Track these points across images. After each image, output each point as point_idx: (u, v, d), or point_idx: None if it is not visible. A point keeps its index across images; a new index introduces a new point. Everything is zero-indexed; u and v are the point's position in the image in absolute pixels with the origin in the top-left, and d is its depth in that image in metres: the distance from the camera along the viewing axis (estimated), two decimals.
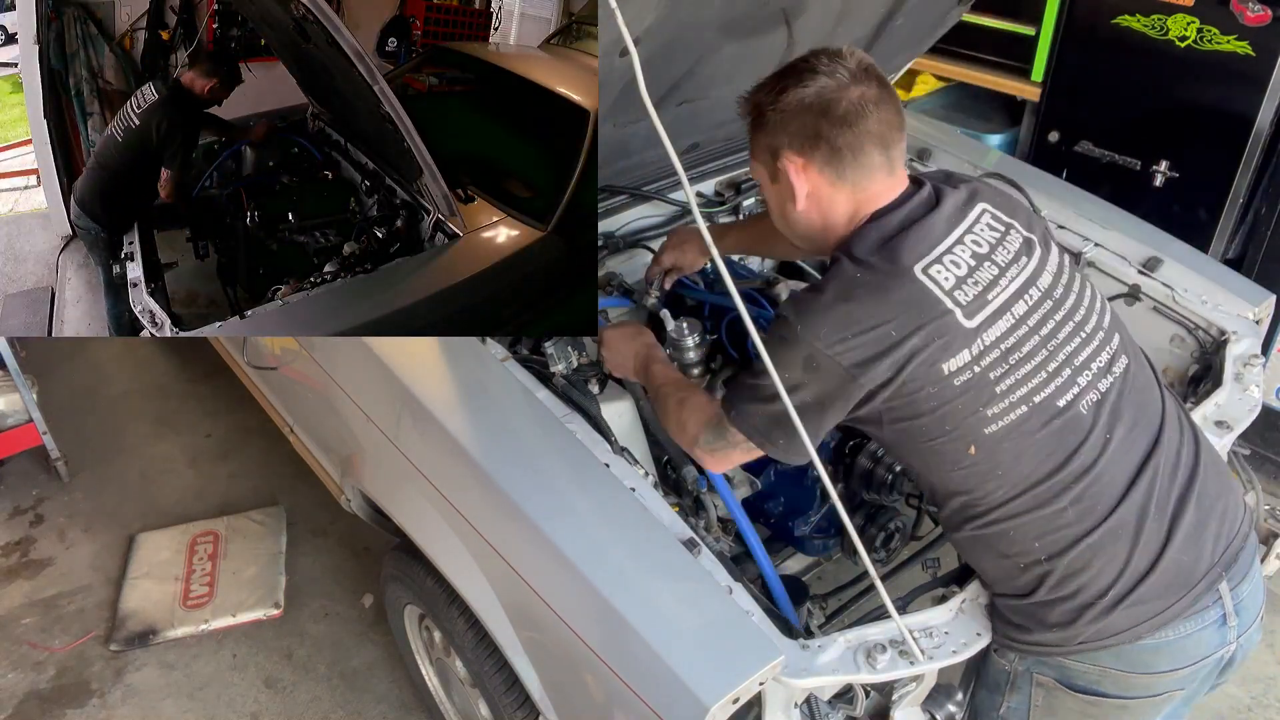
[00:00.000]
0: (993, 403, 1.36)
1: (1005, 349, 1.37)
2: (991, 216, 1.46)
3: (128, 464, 3.44)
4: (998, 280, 1.39)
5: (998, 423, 1.37)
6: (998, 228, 1.45)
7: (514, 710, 1.89)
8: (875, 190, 1.44)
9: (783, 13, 1.97)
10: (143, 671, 2.70)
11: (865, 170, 1.42)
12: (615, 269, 2.24)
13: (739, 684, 1.36)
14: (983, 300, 1.37)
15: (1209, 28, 2.95)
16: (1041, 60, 3.42)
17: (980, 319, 1.36)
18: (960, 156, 2.68)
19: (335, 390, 2.18)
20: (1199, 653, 1.46)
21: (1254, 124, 2.95)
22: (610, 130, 2.00)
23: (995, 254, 1.41)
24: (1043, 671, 1.50)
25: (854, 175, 1.42)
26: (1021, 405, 1.37)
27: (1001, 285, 1.39)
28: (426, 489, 1.86)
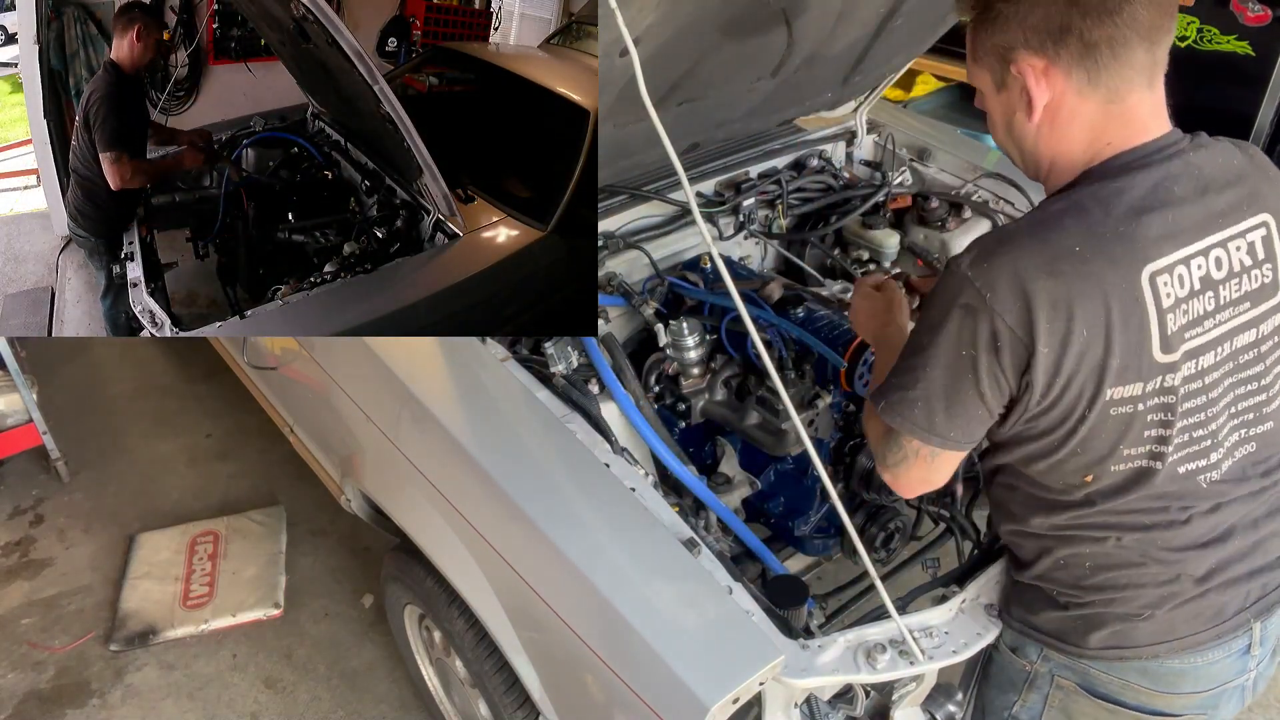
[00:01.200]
0: (1133, 445, 1.25)
1: (1169, 403, 1.22)
2: (1265, 236, 1.24)
3: (128, 464, 3.44)
4: (1203, 320, 1.20)
5: (1126, 464, 1.26)
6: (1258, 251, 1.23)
7: (514, 710, 1.89)
8: (1131, 106, 1.19)
9: (783, 13, 1.96)
10: (143, 671, 2.70)
11: (1125, 75, 1.16)
12: (615, 269, 2.24)
13: (739, 684, 1.36)
14: (1181, 336, 1.19)
15: (1209, 28, 2.95)
16: None
17: (1170, 358, 1.19)
18: (960, 156, 2.68)
19: (335, 390, 2.18)
20: (1220, 678, 1.44)
21: (1254, 124, 2.96)
22: (610, 130, 2.00)
23: (1226, 285, 1.21)
24: (1065, 675, 1.47)
25: (1110, 80, 1.16)
26: (1152, 459, 1.26)
27: (1206, 326, 1.21)
28: (426, 489, 1.86)
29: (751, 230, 2.51)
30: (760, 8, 1.91)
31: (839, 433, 2.11)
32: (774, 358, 1.96)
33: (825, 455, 2.10)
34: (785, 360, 1.95)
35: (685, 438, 2.15)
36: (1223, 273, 1.21)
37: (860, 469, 2.06)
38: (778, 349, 1.97)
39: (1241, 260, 1.22)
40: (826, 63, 2.31)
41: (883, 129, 2.78)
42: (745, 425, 1.98)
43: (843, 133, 2.78)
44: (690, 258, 2.35)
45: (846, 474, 2.11)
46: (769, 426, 1.95)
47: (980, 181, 2.57)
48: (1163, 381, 1.21)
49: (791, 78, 2.26)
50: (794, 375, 1.92)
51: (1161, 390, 1.21)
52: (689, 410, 2.04)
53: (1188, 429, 1.26)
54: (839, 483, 2.12)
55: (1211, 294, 1.21)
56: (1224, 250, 1.21)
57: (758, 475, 2.13)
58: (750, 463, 2.14)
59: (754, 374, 2.03)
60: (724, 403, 2.03)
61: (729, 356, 2.05)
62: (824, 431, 2.03)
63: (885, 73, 2.62)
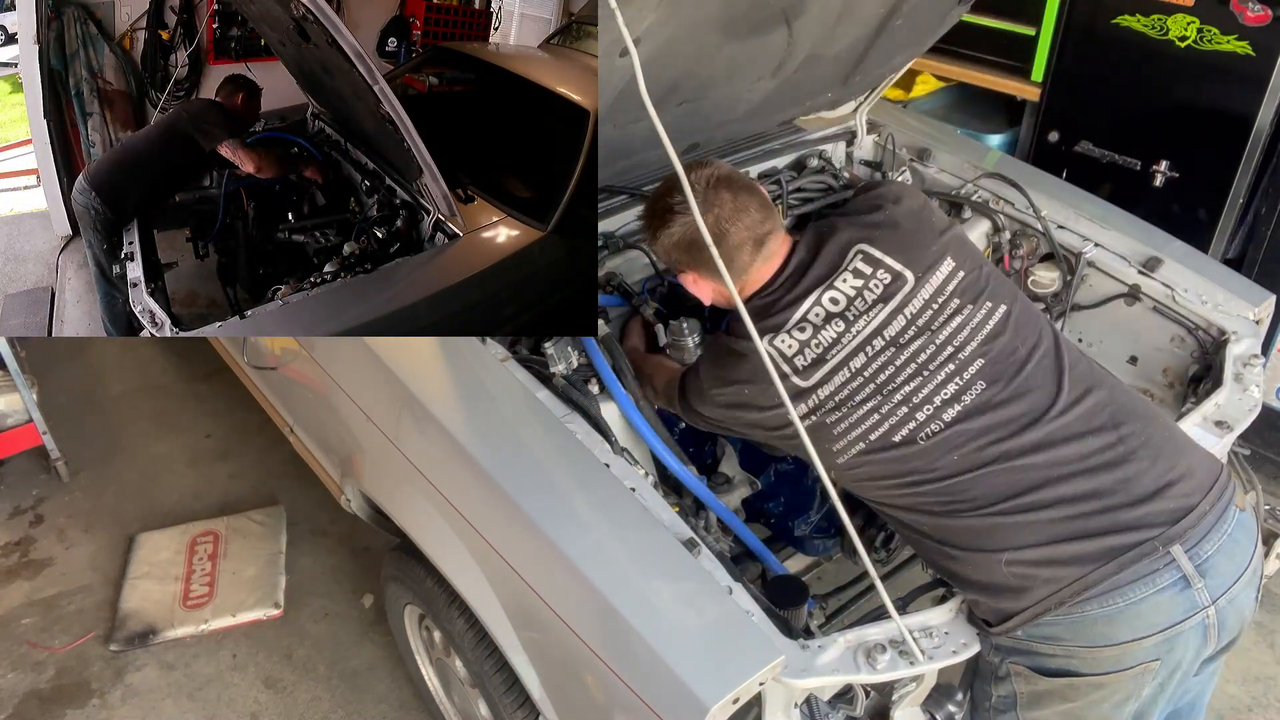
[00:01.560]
0: (834, 441, 1.61)
1: (839, 400, 1.61)
2: (864, 259, 1.66)
3: (128, 464, 3.44)
4: (840, 338, 1.62)
5: (843, 456, 1.62)
6: (864, 271, 1.65)
7: (514, 710, 1.89)
8: (754, 278, 1.70)
9: (783, 13, 1.96)
10: (143, 671, 2.70)
11: (740, 268, 1.68)
12: (615, 269, 2.24)
13: (739, 684, 1.36)
14: (821, 360, 1.61)
15: (1209, 28, 2.95)
16: (1041, 60, 3.42)
17: (815, 378, 1.61)
18: (960, 156, 2.68)
19: (335, 390, 2.18)
20: (1162, 619, 1.47)
21: (1254, 124, 2.95)
22: (610, 130, 2.00)
23: (850, 307, 1.63)
24: (1016, 660, 1.55)
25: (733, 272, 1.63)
26: (859, 443, 1.60)
27: (844, 343, 1.61)
28: (426, 489, 1.86)
29: None
30: (760, 8, 1.91)
31: None
32: None
33: None
34: None
35: (685, 438, 2.15)
36: (841, 303, 1.63)
37: None
38: None
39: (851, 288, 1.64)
40: (826, 63, 2.30)
41: (883, 129, 2.78)
42: None
43: (843, 133, 2.78)
44: None
45: None
46: None
47: (980, 181, 2.57)
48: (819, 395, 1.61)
49: (791, 78, 2.26)
50: None
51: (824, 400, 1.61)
52: None
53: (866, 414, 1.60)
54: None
55: (840, 320, 1.62)
56: (834, 289, 1.64)
57: (758, 475, 2.13)
58: (750, 463, 2.14)
59: None
60: None
61: None
62: None
63: (885, 73, 2.62)
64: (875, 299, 1.63)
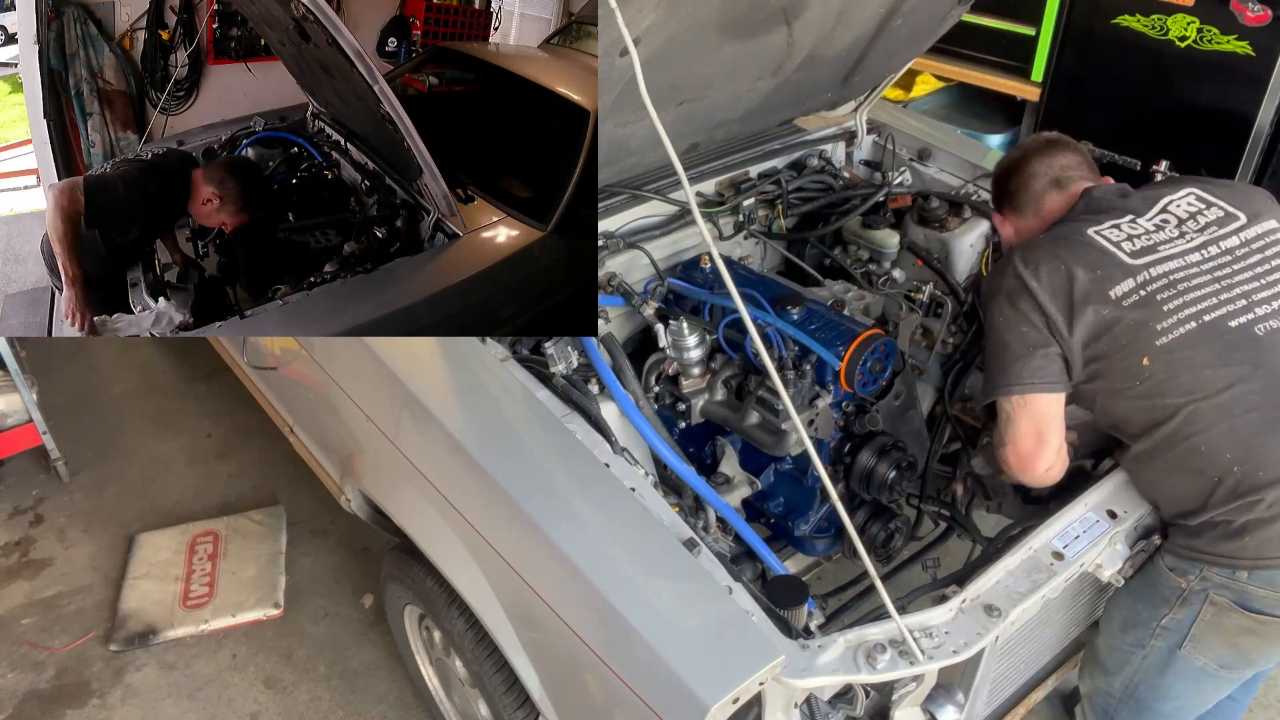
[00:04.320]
0: (1161, 319, 1.64)
1: (1172, 280, 1.68)
2: (1197, 197, 1.83)
3: (128, 464, 3.44)
4: (1173, 240, 1.74)
5: (1168, 335, 1.63)
6: (1197, 205, 1.81)
7: (514, 710, 1.89)
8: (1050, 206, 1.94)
9: (783, 13, 1.97)
10: (143, 671, 2.70)
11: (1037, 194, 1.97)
12: (615, 269, 2.24)
13: (739, 684, 1.36)
14: (1152, 249, 1.72)
15: (1209, 28, 2.95)
16: (1041, 60, 3.42)
17: (1145, 260, 1.70)
18: (960, 156, 2.68)
19: (335, 390, 2.18)
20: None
21: (1254, 124, 2.95)
22: (610, 130, 2.00)
23: (1184, 224, 1.77)
24: (1221, 594, 1.64)
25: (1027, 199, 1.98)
26: (1191, 321, 1.64)
27: (1176, 243, 1.73)
28: (426, 489, 1.86)
29: (751, 230, 2.51)
30: (760, 8, 1.91)
31: (839, 433, 2.11)
32: (774, 358, 1.96)
33: (825, 455, 2.10)
34: (785, 360, 1.95)
35: (685, 438, 2.15)
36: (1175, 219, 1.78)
37: (860, 469, 2.06)
38: (778, 349, 1.97)
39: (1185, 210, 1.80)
40: (826, 63, 2.31)
41: (883, 129, 2.78)
42: (745, 425, 1.98)
43: (843, 133, 2.78)
44: (690, 258, 2.35)
45: (846, 474, 2.11)
46: (769, 426, 1.95)
47: (980, 181, 2.57)
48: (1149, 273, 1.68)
49: (791, 78, 2.26)
50: (794, 375, 1.92)
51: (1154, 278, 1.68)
52: (689, 410, 2.04)
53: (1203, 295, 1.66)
54: (839, 483, 2.12)
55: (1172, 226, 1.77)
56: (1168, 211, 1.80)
57: (758, 475, 2.13)
58: (750, 463, 2.14)
59: (754, 374, 2.03)
60: (724, 403, 2.03)
61: (729, 357, 2.05)
62: (824, 431, 2.03)
63: (885, 73, 2.62)
64: (1209, 222, 1.78)
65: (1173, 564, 1.69)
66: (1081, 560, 1.67)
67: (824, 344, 1.95)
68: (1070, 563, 1.65)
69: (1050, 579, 1.62)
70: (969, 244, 2.41)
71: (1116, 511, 1.76)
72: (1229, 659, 1.73)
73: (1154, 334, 1.64)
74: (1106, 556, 1.73)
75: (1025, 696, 2.02)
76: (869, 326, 2.02)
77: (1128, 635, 1.80)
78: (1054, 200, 1.91)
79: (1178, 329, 1.64)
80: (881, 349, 1.99)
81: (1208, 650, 1.71)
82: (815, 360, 1.97)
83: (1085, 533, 1.72)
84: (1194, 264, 1.71)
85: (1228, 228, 1.78)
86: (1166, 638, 1.73)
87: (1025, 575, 1.63)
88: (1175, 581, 1.69)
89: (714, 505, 1.86)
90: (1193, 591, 1.67)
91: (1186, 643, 1.72)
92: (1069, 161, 1.94)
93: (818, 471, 1.41)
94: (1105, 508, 1.76)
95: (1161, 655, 1.75)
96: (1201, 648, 1.71)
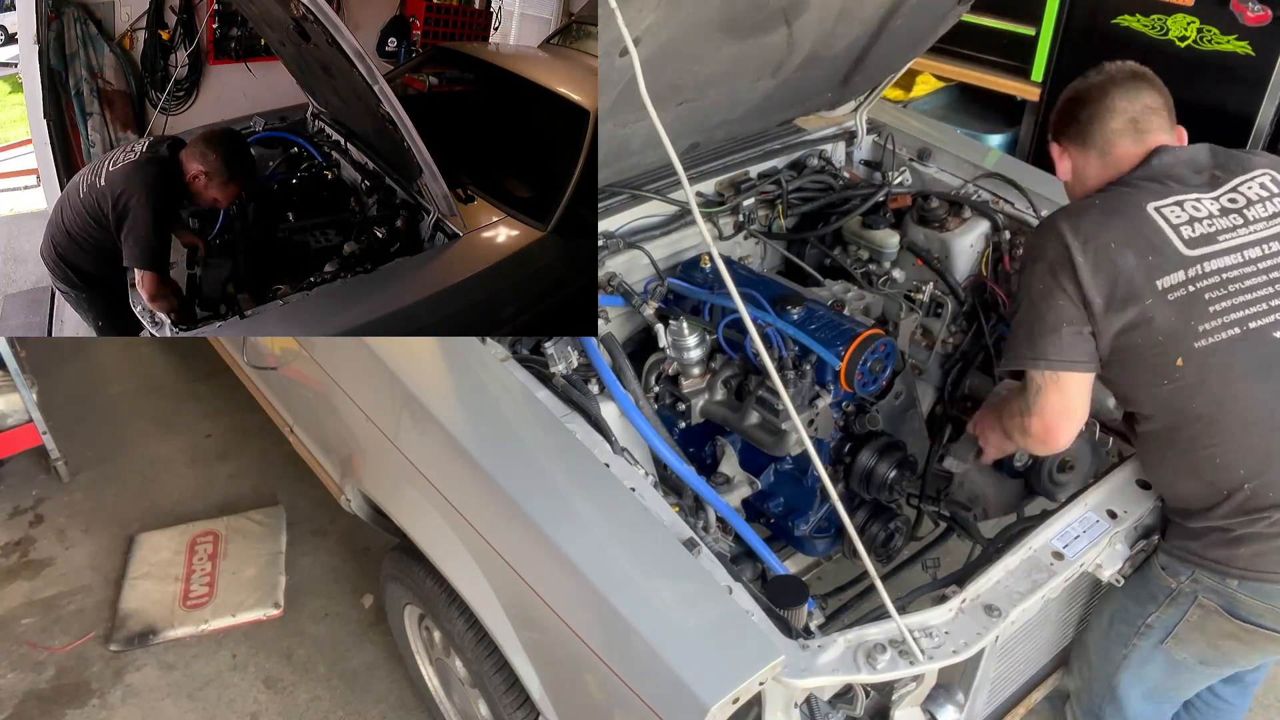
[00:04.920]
0: (1205, 319, 1.56)
1: (1225, 278, 1.58)
2: (1273, 180, 1.70)
3: (128, 464, 3.44)
4: (1236, 229, 1.62)
5: (1209, 338, 1.56)
6: (1272, 189, 1.68)
7: (514, 710, 1.89)
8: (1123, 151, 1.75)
9: (783, 13, 1.97)
10: (142, 671, 2.70)
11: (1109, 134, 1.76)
12: (615, 269, 2.24)
13: (739, 684, 1.36)
14: (1210, 239, 1.60)
15: (1209, 28, 2.95)
16: (1041, 60, 3.42)
17: (1201, 251, 1.59)
18: (960, 156, 2.68)
19: (335, 390, 2.18)
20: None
21: (1254, 124, 2.95)
22: (610, 130, 2.00)
23: (1250, 209, 1.65)
24: (1210, 598, 1.64)
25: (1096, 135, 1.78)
26: (1235, 327, 1.56)
27: (1239, 234, 1.61)
28: (426, 489, 1.86)
29: (751, 230, 2.51)
30: (760, 8, 1.91)
31: (839, 433, 2.11)
32: (774, 358, 1.96)
33: (825, 455, 2.10)
34: (785, 360, 1.95)
35: (685, 438, 2.15)
36: (1240, 203, 1.65)
37: (860, 469, 2.06)
38: (778, 349, 1.97)
39: (1254, 194, 1.66)
40: (826, 63, 2.31)
41: (883, 129, 2.78)
42: (745, 425, 1.98)
43: (843, 133, 2.78)
44: (690, 258, 2.35)
45: (846, 474, 2.11)
46: (769, 426, 1.95)
47: (980, 181, 2.57)
48: (1202, 267, 1.57)
49: (791, 78, 2.27)
50: (794, 375, 1.92)
51: (1207, 274, 1.57)
52: (689, 410, 2.04)
53: (1252, 300, 1.57)
54: (839, 483, 2.12)
55: (1236, 215, 1.63)
56: (1236, 191, 1.66)
57: (758, 475, 2.13)
58: (750, 463, 2.14)
59: (754, 374, 2.03)
60: (724, 403, 2.03)
61: (729, 357, 2.05)
62: (824, 431, 2.03)
63: (885, 73, 2.62)
64: (1277, 211, 1.65)
65: (1165, 563, 1.70)
66: (1081, 560, 1.67)
67: (824, 344, 1.95)
68: (1070, 563, 1.66)
69: (1050, 579, 1.63)
70: (969, 244, 2.41)
71: (1116, 511, 1.76)
72: (1210, 658, 1.74)
73: (1194, 334, 1.56)
74: (1106, 556, 1.73)
75: (1025, 696, 2.02)
76: (869, 326, 2.02)
77: (1113, 629, 1.81)
78: (1127, 146, 1.72)
79: (1219, 333, 1.56)
80: (881, 349, 1.99)
81: (1189, 647, 1.73)
82: (815, 360, 1.97)
83: (1085, 533, 1.72)
84: (1251, 260, 1.61)
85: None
86: (1151, 635, 1.75)
87: (1025, 575, 1.63)
88: (1166, 581, 1.70)
89: (714, 505, 1.86)
90: (1182, 593, 1.68)
91: (1170, 639, 1.73)
92: (1154, 104, 1.75)
93: (818, 471, 1.41)
94: (1105, 508, 1.77)
95: (1144, 651, 1.77)
96: (1184, 644, 1.73)
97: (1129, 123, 1.73)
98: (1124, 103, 1.73)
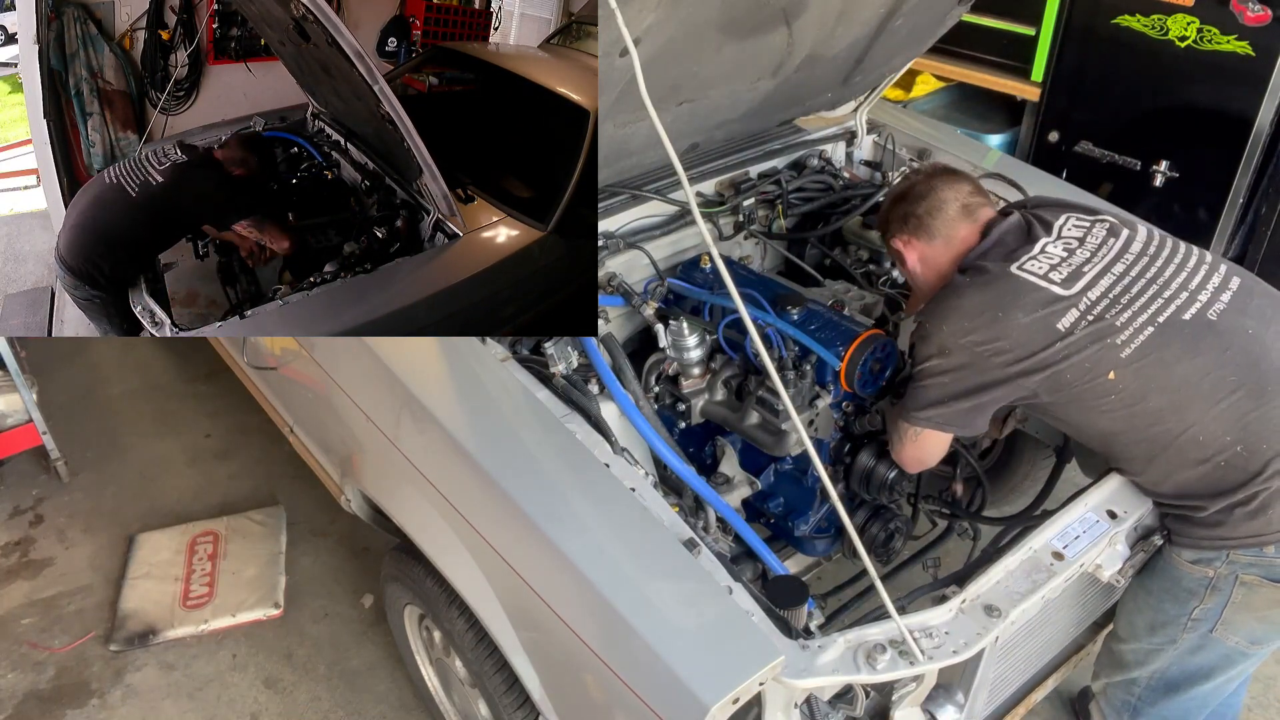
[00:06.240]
0: (1117, 334, 1.67)
1: (1113, 296, 1.70)
2: (1076, 220, 1.86)
3: (128, 464, 3.44)
4: (1091, 258, 1.76)
5: (1130, 346, 1.67)
6: (1083, 224, 1.84)
7: (514, 710, 1.89)
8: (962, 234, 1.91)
9: (783, 13, 1.97)
10: (142, 672, 2.70)
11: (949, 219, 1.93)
12: (615, 269, 2.24)
13: (739, 684, 1.36)
14: (1079, 274, 1.73)
15: (1209, 28, 2.95)
16: (1041, 60, 3.42)
17: (1078, 286, 1.71)
18: (960, 156, 2.68)
19: (335, 390, 2.18)
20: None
21: (1254, 124, 2.95)
22: (610, 130, 2.00)
23: (1086, 241, 1.79)
24: (1250, 571, 1.69)
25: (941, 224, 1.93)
26: (1149, 326, 1.68)
27: (1095, 260, 1.75)
28: (426, 489, 1.86)
29: (751, 230, 2.51)
30: (760, 8, 1.91)
31: (839, 433, 2.11)
32: (774, 358, 1.96)
33: (825, 455, 2.10)
34: (785, 360, 1.95)
35: (685, 438, 2.15)
36: (1075, 241, 1.80)
37: (860, 469, 2.06)
38: (778, 349, 1.97)
39: (1077, 233, 1.82)
40: (826, 63, 2.31)
41: (883, 129, 2.78)
42: (745, 425, 1.98)
43: (843, 133, 2.78)
44: (690, 258, 2.35)
45: (846, 474, 2.11)
46: (769, 426, 1.95)
47: (980, 181, 2.57)
48: (1089, 297, 1.70)
49: (791, 78, 2.27)
50: (794, 375, 1.92)
51: (1096, 301, 1.70)
52: (689, 410, 2.04)
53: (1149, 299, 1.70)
54: (839, 483, 2.12)
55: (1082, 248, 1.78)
56: (1062, 237, 1.82)
57: (758, 475, 2.13)
58: (750, 463, 2.14)
59: (754, 374, 2.03)
60: (724, 403, 2.03)
61: (729, 357, 2.05)
62: (824, 431, 2.03)
63: (885, 73, 2.62)
64: (1106, 234, 1.82)
65: (1194, 557, 1.72)
66: (1081, 560, 1.67)
67: (824, 344, 1.95)
68: (1070, 563, 1.66)
69: (1050, 579, 1.63)
70: None
71: (1116, 512, 1.76)
72: (1259, 634, 1.77)
73: (1115, 349, 1.67)
74: (1106, 557, 1.73)
75: (1025, 696, 2.02)
76: (869, 326, 2.02)
77: (1156, 636, 1.83)
78: (966, 228, 1.90)
79: (1138, 336, 1.67)
80: (881, 349, 1.99)
81: (1239, 630, 1.76)
82: (815, 360, 1.97)
83: (1085, 533, 1.72)
84: (1122, 275, 1.74)
85: (1121, 235, 1.82)
86: (1198, 628, 1.77)
87: (1025, 575, 1.63)
88: (1201, 573, 1.72)
89: (714, 505, 1.86)
90: (1221, 577, 1.71)
91: (1218, 626, 1.76)
92: (972, 189, 1.95)
93: (818, 471, 1.41)
94: (1105, 508, 1.77)
95: (1192, 643, 1.80)
96: (1232, 628, 1.76)
97: (961, 209, 1.91)
98: (950, 193, 1.92)
